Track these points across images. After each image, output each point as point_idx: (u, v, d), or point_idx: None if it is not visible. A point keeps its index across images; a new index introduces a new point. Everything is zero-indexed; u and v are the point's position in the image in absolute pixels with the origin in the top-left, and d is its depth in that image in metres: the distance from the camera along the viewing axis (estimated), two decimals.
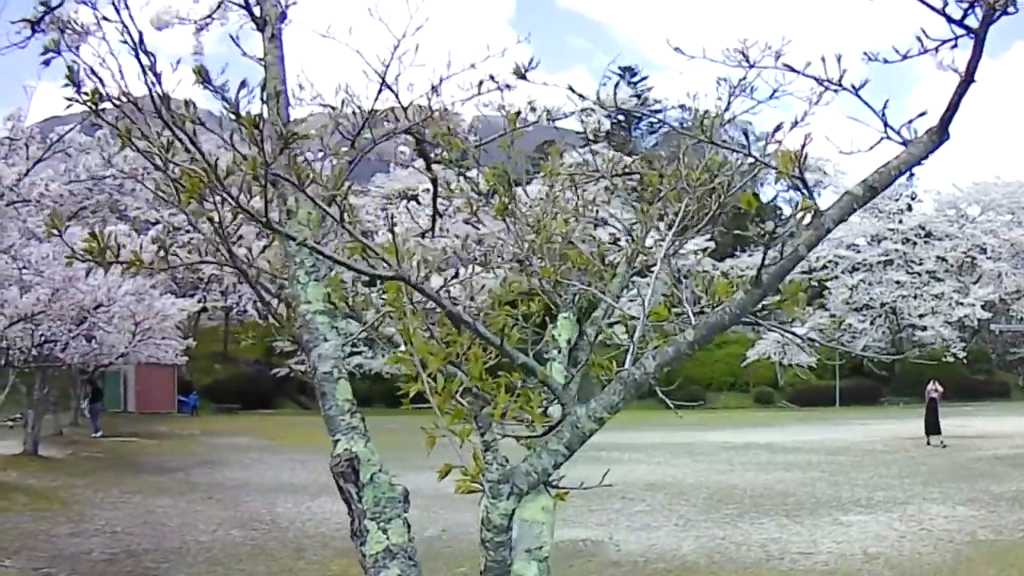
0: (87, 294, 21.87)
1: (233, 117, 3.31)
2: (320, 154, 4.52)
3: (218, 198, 3.30)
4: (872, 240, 62.87)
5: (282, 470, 25.28)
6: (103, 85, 3.43)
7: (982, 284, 59.72)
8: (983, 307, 58.89)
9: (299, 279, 3.92)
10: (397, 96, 4.97)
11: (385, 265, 3.08)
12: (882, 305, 60.95)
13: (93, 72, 3.45)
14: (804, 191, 3.18)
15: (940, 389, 32.17)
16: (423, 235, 5.73)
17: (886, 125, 3.30)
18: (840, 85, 3.42)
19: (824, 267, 63.23)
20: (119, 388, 50.13)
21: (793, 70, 3.57)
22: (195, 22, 5.51)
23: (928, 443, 29.81)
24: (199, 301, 58.77)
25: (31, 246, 19.68)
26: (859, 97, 3.34)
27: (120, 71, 3.50)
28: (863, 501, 17.98)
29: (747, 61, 3.73)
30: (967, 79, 3.23)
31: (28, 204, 18.18)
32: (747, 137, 4.03)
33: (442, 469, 3.59)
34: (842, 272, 62.45)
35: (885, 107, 3.28)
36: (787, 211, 77.90)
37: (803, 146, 3.11)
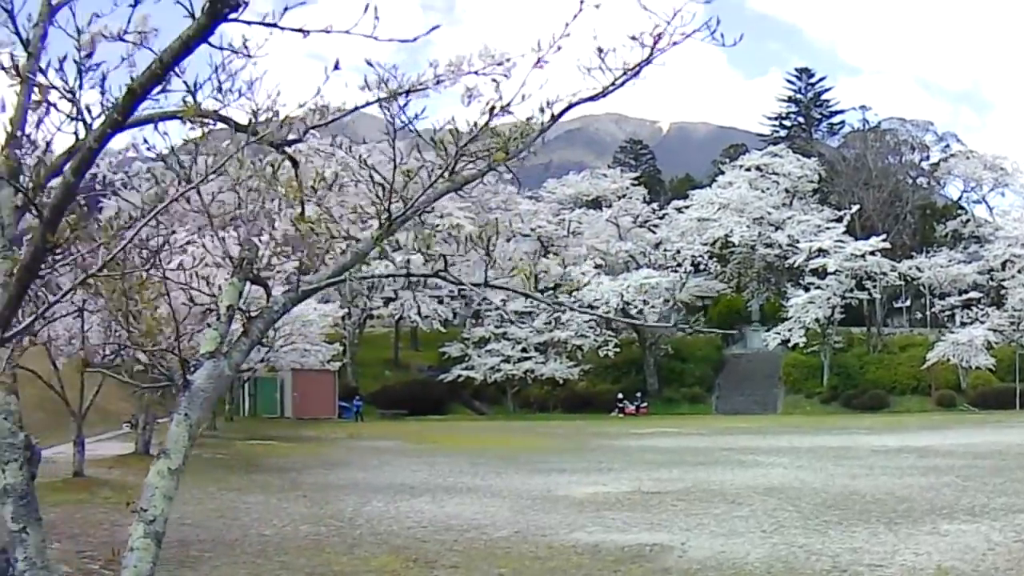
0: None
1: None
2: None
3: None
4: None
5: (403, 471, 25.36)
6: None
7: None
8: None
9: None
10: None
11: None
12: None
13: None
14: None
15: None
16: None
17: None
18: None
19: (1003, 266, 60.58)
20: (275, 394, 51.53)
21: None
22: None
23: None
24: (361, 308, 59.99)
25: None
26: None
27: None
28: (977, 509, 16.54)
29: None
30: None
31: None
32: None
33: None
34: (1019, 271, 59.49)
35: None
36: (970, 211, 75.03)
37: None
